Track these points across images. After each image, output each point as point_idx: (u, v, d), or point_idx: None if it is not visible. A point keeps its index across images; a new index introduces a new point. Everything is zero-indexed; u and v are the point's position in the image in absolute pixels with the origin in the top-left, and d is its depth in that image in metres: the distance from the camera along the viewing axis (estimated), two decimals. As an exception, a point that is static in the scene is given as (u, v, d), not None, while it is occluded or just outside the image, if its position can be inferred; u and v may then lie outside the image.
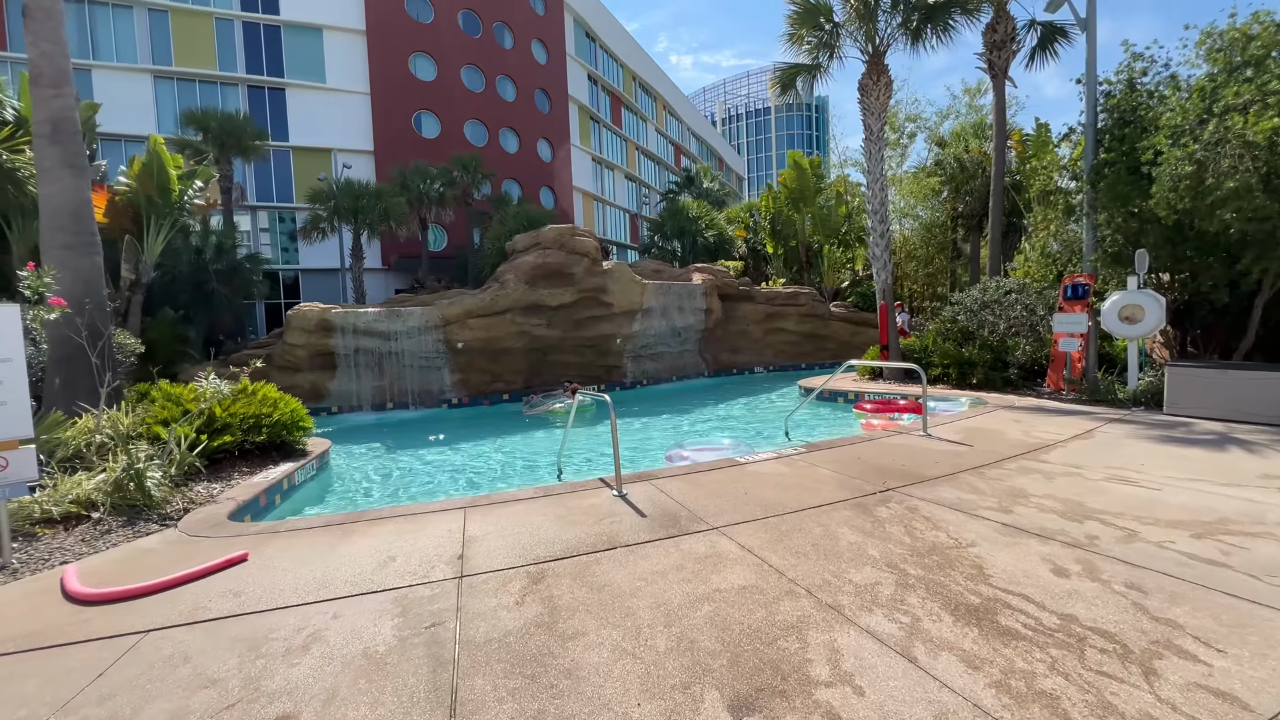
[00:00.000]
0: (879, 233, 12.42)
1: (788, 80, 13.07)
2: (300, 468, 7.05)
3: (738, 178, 73.96)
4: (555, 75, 38.36)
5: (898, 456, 6.08)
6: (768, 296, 19.70)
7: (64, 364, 6.39)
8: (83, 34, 27.20)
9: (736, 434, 9.73)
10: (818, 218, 22.54)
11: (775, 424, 10.49)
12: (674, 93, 57.01)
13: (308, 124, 29.65)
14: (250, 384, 7.71)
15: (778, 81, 13.20)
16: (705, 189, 37.12)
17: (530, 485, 6.41)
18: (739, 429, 10.15)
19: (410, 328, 13.16)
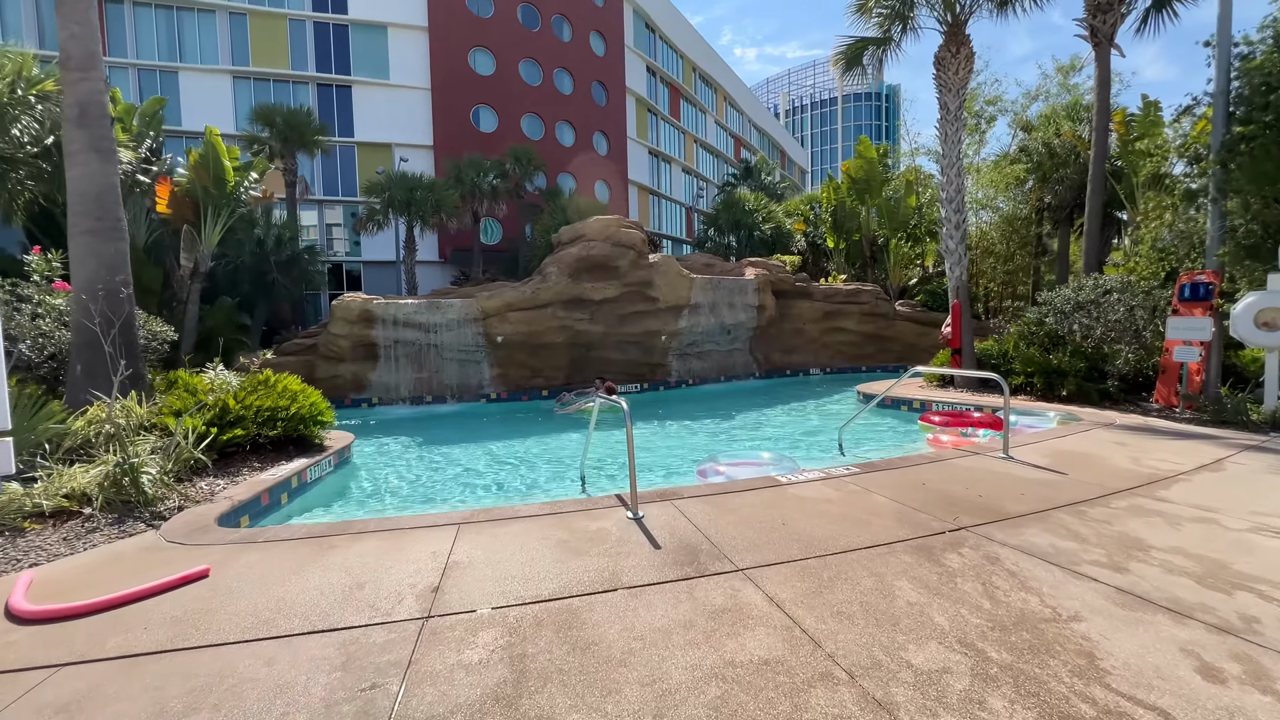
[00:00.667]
0: (954, 223, 11.13)
1: (853, 56, 11.92)
2: (315, 464, 6.75)
3: (801, 171, 71.48)
4: (613, 67, 37.88)
5: (972, 483, 5.10)
6: (826, 293, 18.47)
7: (85, 350, 6.31)
8: (171, 38, 28.89)
9: (783, 444, 8.85)
10: (884, 210, 20.99)
11: (828, 434, 9.51)
12: (735, 84, 55.48)
13: (372, 120, 30.43)
14: (272, 375, 7.51)
15: (842, 58, 12.08)
16: (764, 182, 35.75)
17: (542, 499, 5.83)
18: (786, 439, 9.25)
19: (449, 320, 12.93)
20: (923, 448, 7.59)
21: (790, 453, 8.30)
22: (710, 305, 15.51)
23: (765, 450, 6.54)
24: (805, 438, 9.31)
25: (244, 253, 17.36)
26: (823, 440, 9.01)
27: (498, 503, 6.54)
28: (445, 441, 9.78)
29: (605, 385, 12.39)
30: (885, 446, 8.21)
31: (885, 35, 11.70)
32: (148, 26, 28.61)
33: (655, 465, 7.75)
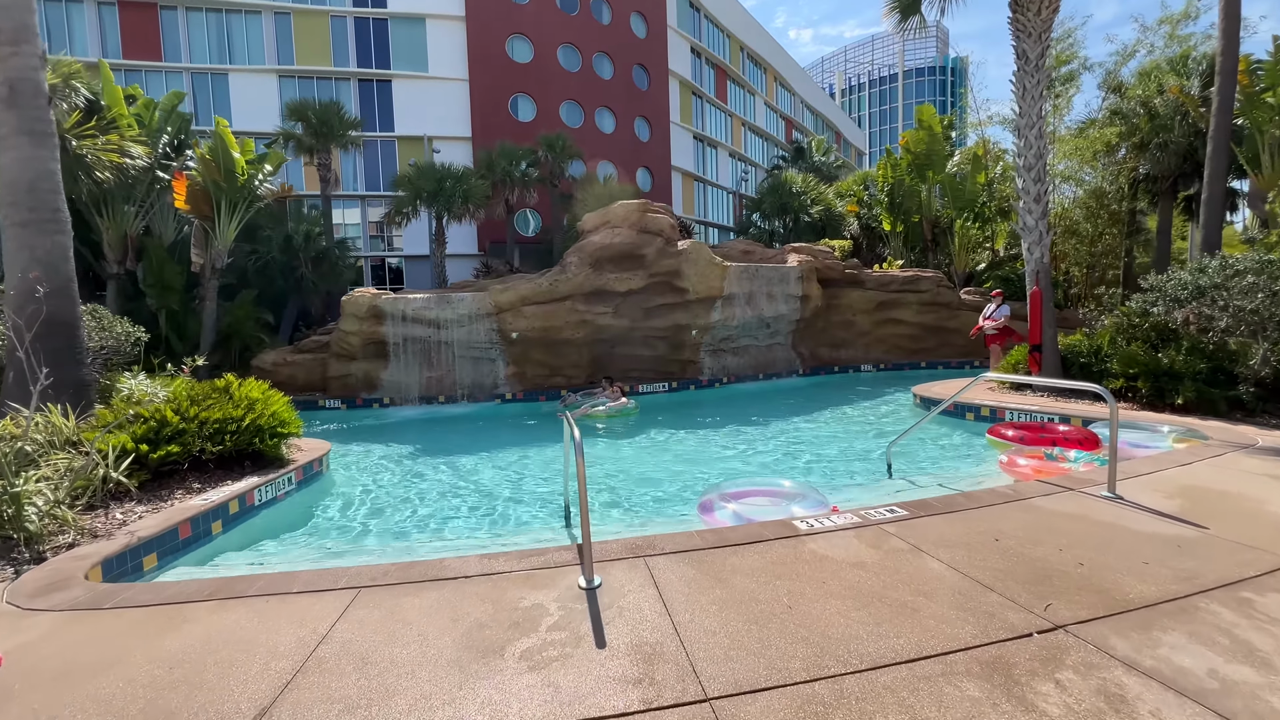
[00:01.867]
0: (1032, 195, 9.32)
1: (909, 2, 10.19)
2: (269, 482, 5.94)
3: (858, 153, 67.85)
4: (655, 49, 36.44)
5: (1069, 541, 3.67)
6: (880, 281, 16.64)
7: (19, 356, 5.68)
8: (221, 41, 29.54)
9: (820, 459, 7.47)
10: (948, 187, 18.83)
11: (875, 446, 8.05)
12: (786, 63, 52.81)
13: (412, 113, 30.27)
14: (235, 381, 6.77)
15: (896, 6, 10.37)
16: (816, 162, 33.55)
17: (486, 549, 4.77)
18: (823, 454, 7.85)
19: (460, 315, 12.11)
20: (994, 473, 6.08)
21: (830, 469, 6.93)
22: (747, 296, 14.08)
23: (786, 479, 5.24)
24: (847, 450, 7.88)
25: (273, 248, 17.19)
26: (869, 455, 7.57)
27: (472, 532, 5.54)
28: (443, 450, 8.91)
29: (614, 386, 11.26)
30: (945, 468, 6.72)
31: (949, -25, 9.92)
32: (199, 30, 29.34)
33: (665, 485, 6.57)
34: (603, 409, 10.56)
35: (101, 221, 12.64)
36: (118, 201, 12.48)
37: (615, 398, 10.86)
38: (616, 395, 10.94)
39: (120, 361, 7.42)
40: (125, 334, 7.43)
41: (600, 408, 10.58)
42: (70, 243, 6.19)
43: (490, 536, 5.22)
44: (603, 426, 10.09)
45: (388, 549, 4.91)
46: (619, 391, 11.09)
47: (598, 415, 10.53)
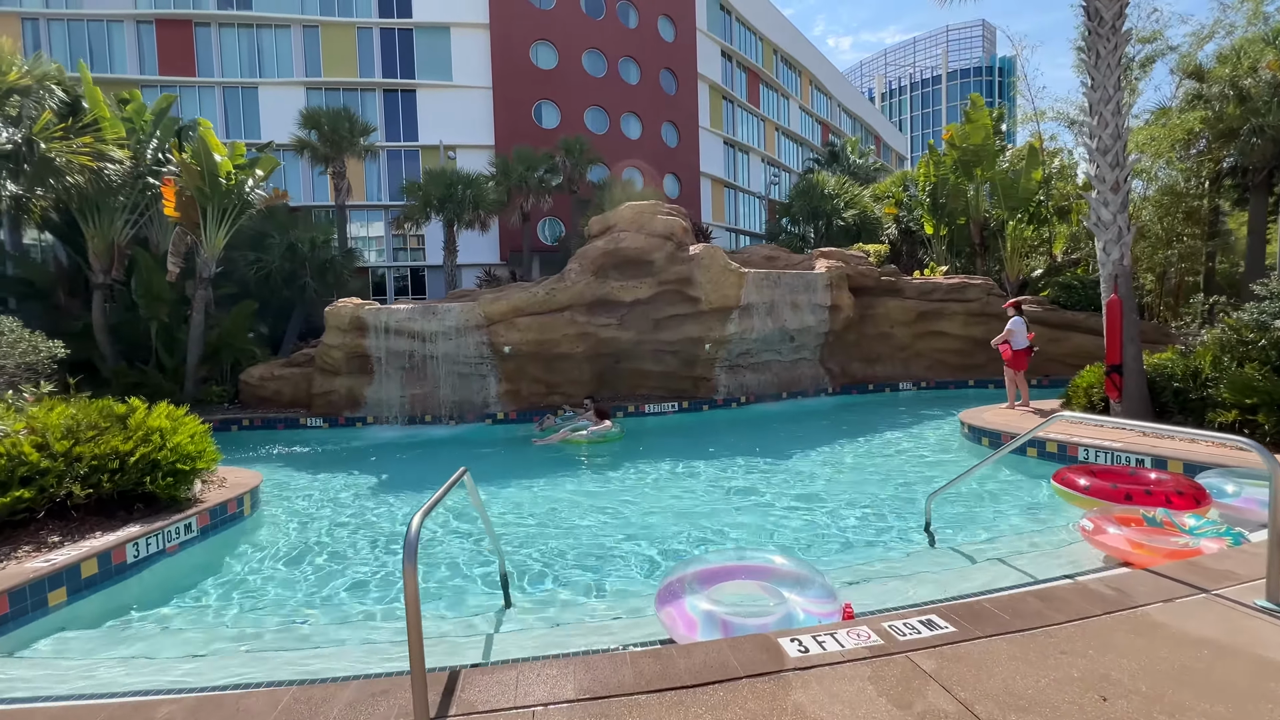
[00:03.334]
0: (1109, 182, 7.67)
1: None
2: (150, 533, 4.89)
3: (898, 157, 65.28)
4: (684, 53, 35.38)
5: (1231, 710, 2.18)
6: (921, 289, 14.93)
7: None
8: (252, 55, 29.87)
9: (843, 509, 6.02)
10: (999, 185, 16.97)
11: (913, 492, 6.54)
12: (822, 65, 51.08)
13: (435, 122, 29.94)
14: (141, 407, 5.79)
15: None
16: (852, 165, 31.76)
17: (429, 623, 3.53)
18: (847, 500, 6.37)
19: (447, 328, 11.08)
20: (1072, 542, 4.54)
21: (853, 527, 5.47)
22: (768, 306, 12.64)
23: (779, 554, 3.84)
24: (878, 496, 6.38)
25: (275, 257, 16.65)
26: (905, 505, 6.07)
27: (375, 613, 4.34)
28: (407, 483, 7.80)
29: (595, 407, 9.96)
30: (1002, 530, 5.18)
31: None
32: (231, 46, 29.73)
33: (636, 548, 5.25)
34: (584, 434, 9.30)
35: (87, 230, 12.18)
36: (103, 208, 11.99)
37: (597, 421, 9.58)
38: (598, 418, 9.64)
39: (34, 377, 6.59)
40: (44, 349, 6.61)
41: (581, 433, 9.32)
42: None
43: (393, 632, 4.01)
44: (585, 456, 8.80)
45: (238, 648, 3.74)
46: (601, 414, 9.79)
47: (577, 441, 9.26)
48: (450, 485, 2.87)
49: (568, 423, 9.84)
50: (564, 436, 9.24)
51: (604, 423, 9.46)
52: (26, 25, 27.48)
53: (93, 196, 11.44)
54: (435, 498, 2.67)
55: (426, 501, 2.60)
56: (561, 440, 9.26)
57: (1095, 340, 14.01)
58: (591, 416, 9.68)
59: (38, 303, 13.72)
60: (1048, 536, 4.83)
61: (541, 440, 9.46)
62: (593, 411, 9.79)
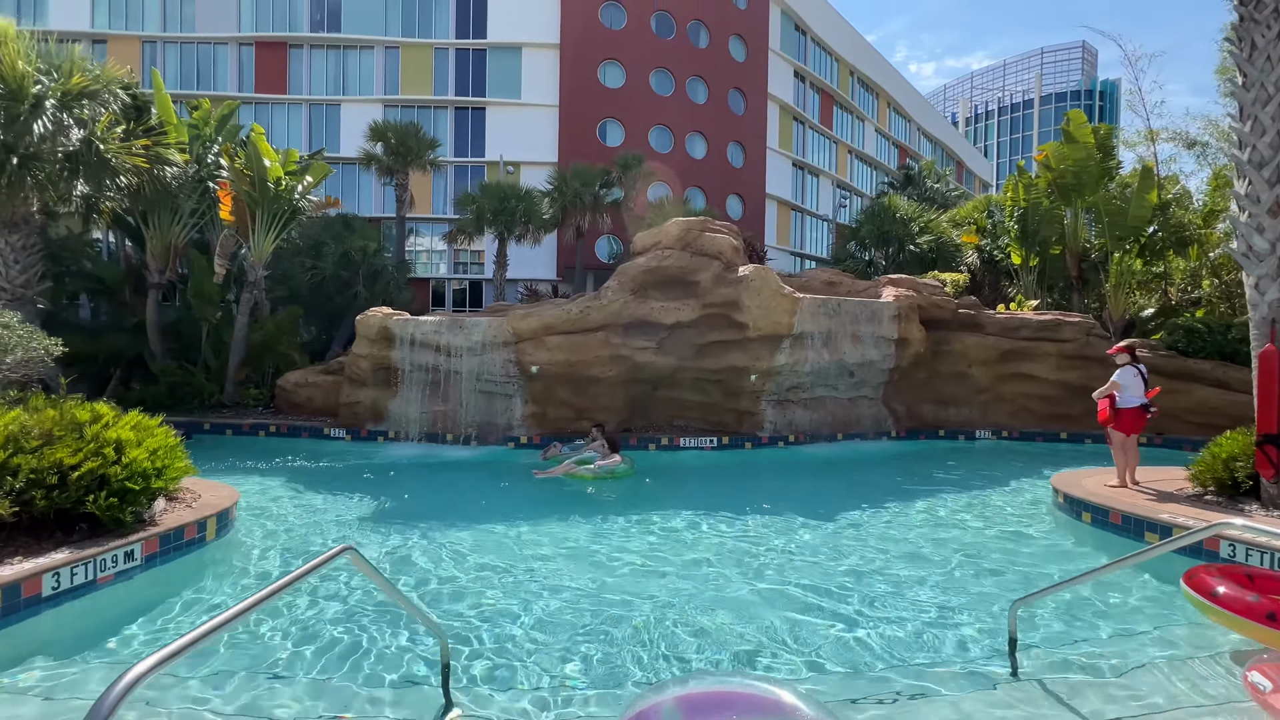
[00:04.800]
0: (1265, 205, 6.08)
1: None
2: (76, 561, 4.33)
3: (982, 184, 61.52)
4: (754, 73, 34.58)
5: None
6: (1005, 325, 13.16)
7: None
8: (337, 74, 31.43)
9: (896, 604, 4.76)
10: (1104, 211, 14.93)
11: (986, 582, 5.19)
12: (901, 88, 49.00)
13: (502, 138, 30.36)
14: (109, 413, 5.34)
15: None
16: (928, 189, 29.73)
17: None
18: (902, 591, 5.09)
19: (473, 343, 10.50)
20: (1235, 701, 3.15)
21: (906, 636, 4.22)
22: (824, 336, 11.35)
23: (786, 688, 2.72)
24: (942, 586, 5.06)
25: (329, 264, 16.87)
26: (979, 600, 4.74)
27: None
28: (404, 513, 7.10)
29: (605, 436, 8.94)
30: (1114, 659, 3.78)
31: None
32: (320, 66, 31.40)
33: (644, 620, 4.22)
34: (590, 468, 8.30)
35: (147, 231, 12.56)
36: (162, 209, 12.32)
37: (605, 453, 8.58)
38: (606, 450, 8.64)
39: (23, 381, 6.39)
40: (40, 345, 6.41)
41: (587, 466, 8.33)
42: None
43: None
44: (591, 493, 7.81)
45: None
46: (611, 445, 8.78)
47: (582, 476, 8.27)
48: (278, 587, 1.98)
49: (575, 452, 8.92)
50: (568, 470, 8.30)
51: (613, 456, 8.50)
52: (145, 47, 30.07)
53: (151, 198, 11.75)
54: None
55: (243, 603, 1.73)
56: (565, 474, 8.32)
57: (1223, 396, 11.82)
58: (600, 448, 8.72)
59: (106, 299, 14.37)
60: (1178, 685, 3.43)
61: (544, 472, 8.51)
62: (601, 442, 8.82)
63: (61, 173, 9.91)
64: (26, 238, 10.82)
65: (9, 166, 9.42)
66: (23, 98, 9.23)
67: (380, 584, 2.81)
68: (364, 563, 2.57)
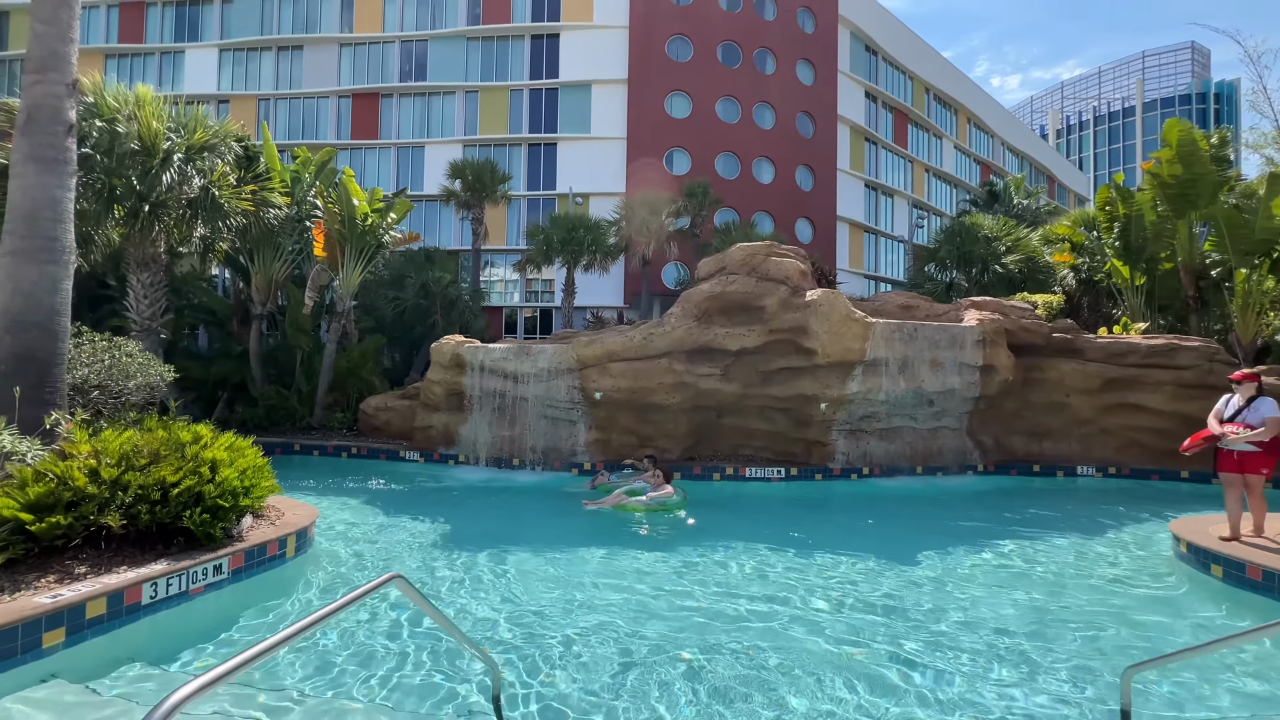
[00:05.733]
0: None
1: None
2: (173, 573, 4.66)
3: (1077, 198, 57.39)
4: (823, 96, 34.18)
5: None
6: (1109, 351, 11.99)
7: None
8: (422, 118, 33.76)
9: (984, 646, 4.29)
10: (1224, 223, 13.43)
11: (1094, 644, 4.60)
12: (984, 102, 46.91)
13: (572, 171, 31.44)
14: (208, 434, 5.80)
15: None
16: (1016, 207, 27.99)
17: None
18: (986, 642, 4.59)
19: (539, 370, 10.71)
20: None
21: (998, 682, 3.79)
22: (900, 362, 10.75)
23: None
24: (1039, 642, 4.51)
25: (410, 294, 17.87)
26: (1085, 666, 4.18)
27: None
28: (471, 536, 7.23)
29: (660, 467, 8.65)
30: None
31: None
32: (408, 112, 33.87)
33: (690, 673, 4.02)
34: (642, 500, 8.03)
35: (253, 267, 13.82)
36: (265, 247, 13.53)
37: (657, 484, 8.28)
38: (659, 480, 8.35)
39: (137, 401, 7.07)
40: (155, 372, 7.10)
41: (639, 498, 8.05)
42: (64, 275, 5.82)
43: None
44: (645, 527, 7.57)
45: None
46: (663, 476, 8.47)
47: (633, 508, 7.98)
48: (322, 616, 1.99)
49: (624, 481, 8.74)
50: (618, 501, 8.04)
51: (665, 487, 8.20)
52: (260, 104, 33.62)
53: (257, 237, 12.95)
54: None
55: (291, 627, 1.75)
56: (615, 505, 8.03)
57: None
58: (652, 478, 8.46)
59: (217, 329, 15.88)
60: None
61: (593, 503, 8.26)
62: (654, 472, 8.55)
63: (184, 217, 11.10)
64: (154, 275, 12.16)
65: (142, 213, 10.67)
66: (155, 153, 10.47)
67: (430, 613, 2.81)
68: (413, 591, 2.58)
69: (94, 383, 6.60)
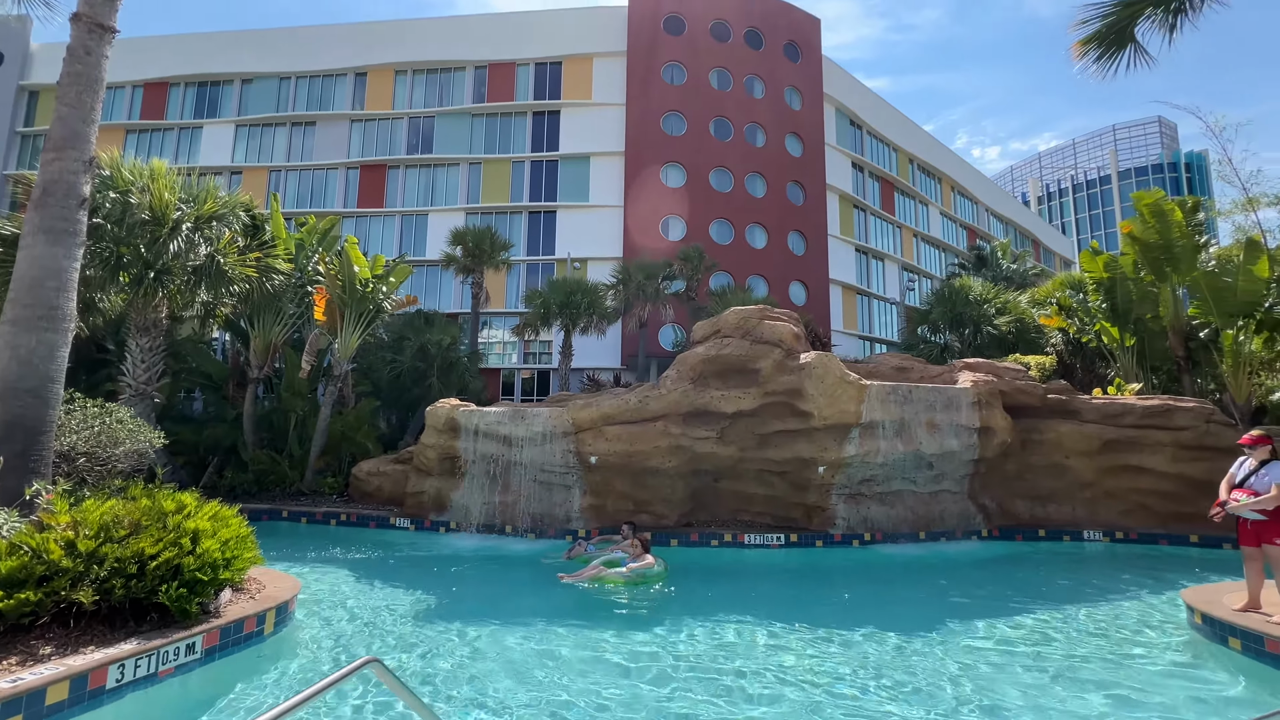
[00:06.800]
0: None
1: (1117, 28, 7.30)
2: (143, 653, 4.44)
3: (1063, 261, 59.01)
4: (811, 166, 35.75)
5: None
6: (1105, 412, 11.98)
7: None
8: (427, 188, 35.03)
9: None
10: (1203, 287, 13.76)
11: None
12: (966, 171, 49.10)
13: (571, 237, 32.34)
14: (192, 503, 5.67)
15: (1093, 39, 7.54)
16: (1004, 270, 28.72)
17: None
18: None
19: (534, 433, 10.62)
20: None
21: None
22: (896, 425, 10.71)
23: None
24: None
25: (408, 357, 17.95)
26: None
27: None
28: (460, 610, 6.97)
29: (639, 536, 8.33)
30: None
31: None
32: (413, 182, 35.16)
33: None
34: (621, 572, 7.58)
35: (252, 330, 13.96)
36: (266, 311, 13.71)
37: (636, 554, 7.87)
38: (639, 550, 7.94)
39: (123, 468, 6.95)
40: (145, 438, 7.02)
41: (619, 570, 7.61)
42: (63, 342, 5.87)
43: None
44: (625, 602, 7.08)
45: None
46: (641, 545, 8.06)
47: (612, 580, 7.52)
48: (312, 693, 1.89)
49: (601, 552, 8.39)
50: (596, 573, 7.59)
51: (645, 558, 7.82)
52: (272, 175, 34.95)
53: (259, 302, 13.16)
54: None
55: None
56: (593, 578, 7.60)
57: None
58: (631, 548, 8.08)
59: (213, 393, 15.84)
60: None
61: (570, 576, 7.78)
62: (633, 541, 8.17)
63: (189, 283, 11.31)
64: (154, 340, 12.26)
65: (147, 279, 10.88)
66: (165, 222, 10.80)
67: (407, 699, 2.66)
68: (389, 676, 2.45)
69: (81, 449, 6.52)
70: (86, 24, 6.21)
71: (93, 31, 6.23)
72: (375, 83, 35.60)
